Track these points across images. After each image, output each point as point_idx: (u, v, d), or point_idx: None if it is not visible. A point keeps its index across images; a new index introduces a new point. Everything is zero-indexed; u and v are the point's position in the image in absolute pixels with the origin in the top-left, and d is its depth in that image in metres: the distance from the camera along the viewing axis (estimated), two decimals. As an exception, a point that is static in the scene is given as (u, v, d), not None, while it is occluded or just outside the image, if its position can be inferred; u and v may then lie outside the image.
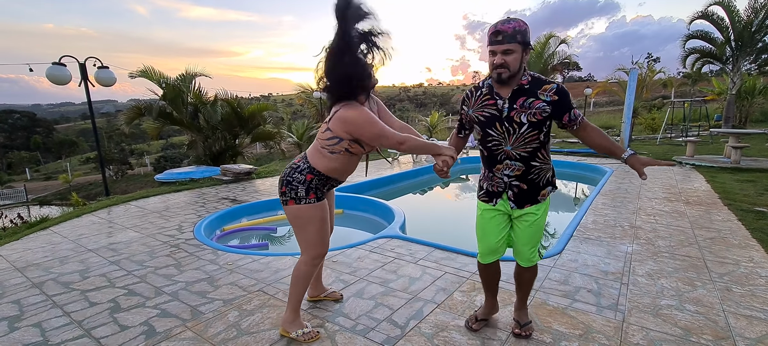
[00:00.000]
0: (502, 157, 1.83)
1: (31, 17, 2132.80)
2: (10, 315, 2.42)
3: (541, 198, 1.88)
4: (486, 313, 2.18)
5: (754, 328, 2.08)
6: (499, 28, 1.70)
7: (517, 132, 1.76)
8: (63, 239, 3.98)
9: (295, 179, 1.94)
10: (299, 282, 2.04)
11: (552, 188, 1.92)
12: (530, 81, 1.76)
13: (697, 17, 12.64)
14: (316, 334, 2.07)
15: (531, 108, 1.73)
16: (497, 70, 1.72)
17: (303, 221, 1.97)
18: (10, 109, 56.51)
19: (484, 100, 1.83)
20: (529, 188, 1.85)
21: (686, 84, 24.84)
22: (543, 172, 1.86)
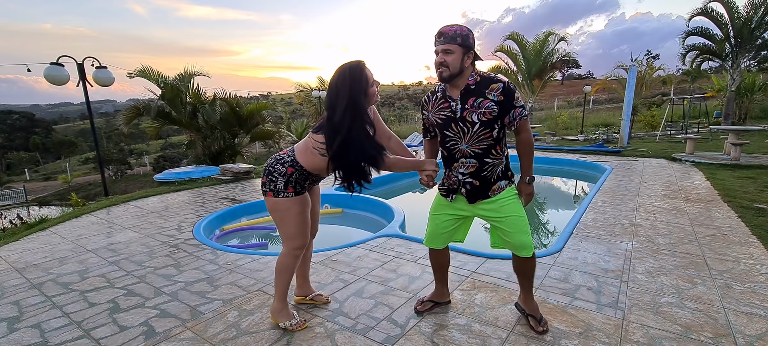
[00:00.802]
0: (458, 155, 1.94)
1: (29, 17, 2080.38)
2: (10, 316, 2.41)
3: (492, 193, 1.94)
4: (435, 296, 2.33)
5: (754, 325, 2.08)
6: (441, 30, 1.82)
7: (471, 131, 1.86)
8: (62, 239, 3.97)
9: (276, 169, 1.97)
10: (282, 273, 2.10)
11: (506, 181, 1.98)
12: (477, 81, 1.85)
13: (696, 14, 12.63)
14: (302, 323, 2.16)
15: (480, 107, 1.82)
16: (439, 69, 1.82)
17: (281, 214, 2.01)
18: (8, 109, 56.42)
19: (440, 104, 1.94)
20: (480, 185, 1.94)
21: (686, 81, 24.85)
22: (495, 167, 1.93)
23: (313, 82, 18.73)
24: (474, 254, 3.09)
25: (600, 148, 10.40)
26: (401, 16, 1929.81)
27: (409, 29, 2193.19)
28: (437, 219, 2.12)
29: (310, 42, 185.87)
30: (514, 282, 2.63)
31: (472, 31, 1.83)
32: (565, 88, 41.85)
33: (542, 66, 15.20)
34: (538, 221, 5.69)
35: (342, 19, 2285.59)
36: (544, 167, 9.36)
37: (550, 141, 13.36)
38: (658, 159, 8.48)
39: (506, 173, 1.98)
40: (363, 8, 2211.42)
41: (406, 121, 27.61)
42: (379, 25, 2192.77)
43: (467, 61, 1.82)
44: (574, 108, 27.18)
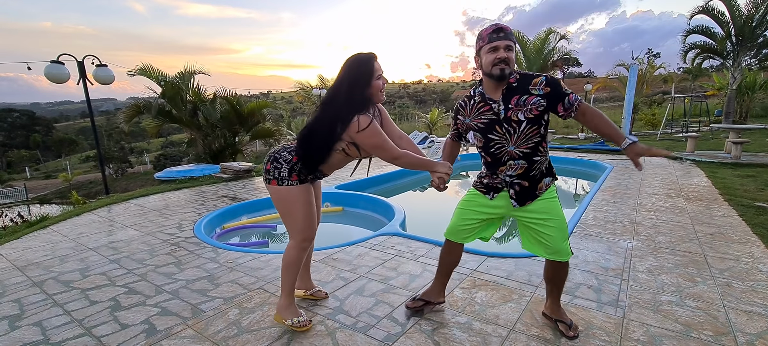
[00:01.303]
0: (506, 158, 1.86)
1: (29, 16, 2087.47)
2: (11, 314, 2.42)
3: (539, 192, 1.89)
4: (427, 294, 2.26)
5: (754, 323, 2.08)
6: (501, 26, 1.77)
7: (518, 130, 1.79)
8: (63, 237, 3.98)
9: (282, 156, 1.95)
10: (289, 268, 2.06)
11: (551, 178, 1.92)
12: (518, 79, 1.80)
13: (697, 12, 12.61)
14: (308, 323, 2.11)
15: (526, 105, 1.76)
16: (500, 65, 1.74)
17: (287, 204, 1.97)
18: (9, 107, 56.46)
19: (480, 108, 1.88)
20: (530, 185, 1.88)
21: (687, 79, 24.79)
22: (542, 165, 1.88)
23: (313, 80, 18.73)
24: (474, 253, 3.09)
25: (601, 147, 10.39)
26: (402, 15, 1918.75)
27: (410, 28, 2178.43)
28: (465, 213, 2.04)
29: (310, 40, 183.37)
30: (514, 280, 2.64)
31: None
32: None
33: (543, 64, 15.17)
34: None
35: (342, 17, 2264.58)
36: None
37: (550, 139, 13.34)
38: (658, 157, 8.47)
39: (551, 170, 1.93)
40: (363, 6, 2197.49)
41: (407, 120, 27.61)
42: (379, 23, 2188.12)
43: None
44: (575, 106, 27.06)
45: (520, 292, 2.48)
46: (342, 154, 1.95)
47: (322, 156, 1.93)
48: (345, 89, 1.85)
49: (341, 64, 1.91)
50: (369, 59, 1.88)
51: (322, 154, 1.93)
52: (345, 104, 1.84)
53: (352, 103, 1.84)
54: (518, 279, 2.66)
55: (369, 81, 1.86)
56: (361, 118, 1.81)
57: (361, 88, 1.85)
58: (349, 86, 1.84)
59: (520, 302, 2.36)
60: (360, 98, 1.85)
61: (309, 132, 1.92)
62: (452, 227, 2.10)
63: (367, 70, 1.86)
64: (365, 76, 1.86)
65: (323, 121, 1.89)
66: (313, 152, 1.92)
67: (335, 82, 1.91)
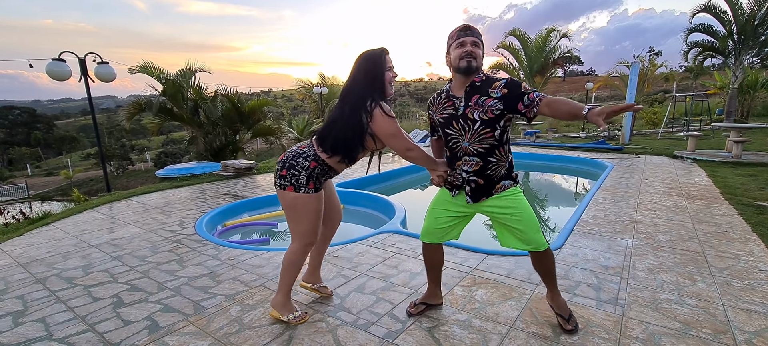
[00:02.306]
0: (461, 153, 1.94)
1: (30, 13, 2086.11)
2: (15, 310, 2.44)
3: (496, 192, 1.94)
4: (426, 298, 2.30)
5: (753, 322, 2.09)
6: (467, 25, 1.88)
7: (472, 129, 1.87)
8: (65, 234, 4.00)
9: (299, 163, 1.96)
10: (290, 268, 2.11)
11: (511, 182, 1.96)
12: (483, 80, 1.87)
13: (699, 10, 12.56)
14: (305, 315, 2.17)
15: (483, 106, 1.83)
16: (467, 57, 1.82)
17: (299, 212, 2.00)
18: (10, 105, 56.50)
19: (444, 104, 1.97)
20: (485, 183, 1.94)
21: (688, 78, 24.73)
22: (499, 167, 1.93)
23: (314, 78, 18.72)
24: (474, 251, 3.11)
25: (601, 146, 10.38)
26: (402, 13, 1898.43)
27: (411, 26, 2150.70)
28: (436, 214, 2.11)
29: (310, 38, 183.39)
30: (514, 278, 2.65)
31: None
32: (567, 85, 41.72)
33: (544, 63, 15.14)
34: (539, 218, 5.69)
35: (343, 15, 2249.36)
36: (545, 164, 9.37)
37: (551, 138, 13.33)
38: (659, 156, 8.47)
39: (510, 174, 1.97)
40: (364, 4, 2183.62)
41: (408, 118, 27.59)
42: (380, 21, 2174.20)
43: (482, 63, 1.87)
44: (576, 105, 27.01)
45: (520, 290, 2.49)
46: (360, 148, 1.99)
47: (355, 149, 1.97)
48: (361, 81, 1.93)
49: (354, 61, 1.98)
50: (381, 52, 1.97)
51: (355, 148, 1.97)
52: (363, 95, 1.91)
53: (367, 93, 1.91)
54: (518, 277, 2.67)
55: (383, 73, 1.95)
56: (381, 105, 1.89)
57: (377, 80, 1.94)
58: (365, 78, 1.93)
59: (520, 299, 2.37)
60: (378, 88, 1.94)
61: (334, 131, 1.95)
62: (426, 229, 2.16)
63: (380, 63, 1.95)
64: (379, 68, 1.94)
65: (347, 116, 1.93)
66: (348, 148, 1.96)
67: (350, 78, 1.98)
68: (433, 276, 2.28)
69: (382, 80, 1.95)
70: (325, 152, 1.97)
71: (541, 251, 1.98)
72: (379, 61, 1.95)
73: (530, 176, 8.82)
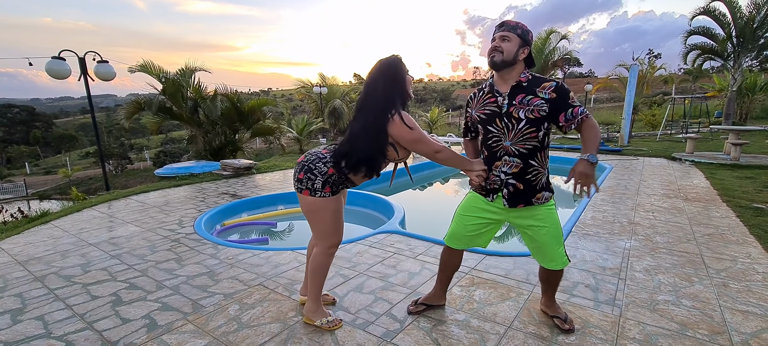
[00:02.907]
0: (501, 153, 1.86)
1: (29, 11, 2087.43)
2: (13, 308, 2.44)
3: (536, 201, 1.88)
4: (429, 299, 2.28)
5: (749, 323, 2.10)
6: (504, 21, 1.83)
7: (516, 128, 1.80)
8: (64, 233, 4.00)
9: (317, 168, 1.93)
10: (317, 272, 2.09)
11: (550, 193, 1.92)
12: (530, 79, 1.81)
13: (699, 13, 12.59)
14: (338, 321, 2.14)
15: (529, 105, 1.77)
16: (493, 53, 1.79)
17: (317, 214, 1.99)
18: (9, 103, 56.42)
19: (486, 99, 1.89)
20: (524, 188, 1.87)
21: (687, 80, 24.81)
22: (540, 175, 1.87)
23: (313, 78, 18.72)
24: (473, 251, 3.11)
25: (601, 147, 10.40)
26: (403, 13, 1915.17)
27: (411, 26, 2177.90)
28: (466, 219, 2.03)
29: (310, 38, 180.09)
30: (512, 278, 2.66)
31: (532, 33, 1.83)
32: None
33: (544, 64, 15.18)
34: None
35: (343, 15, 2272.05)
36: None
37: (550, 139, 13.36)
38: (658, 158, 8.50)
39: (549, 185, 1.92)
40: (364, 4, 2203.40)
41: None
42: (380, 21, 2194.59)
43: (521, 55, 1.78)
44: (575, 106, 27.10)
45: (518, 290, 2.50)
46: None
47: (378, 162, 1.92)
48: (381, 89, 1.87)
49: (371, 68, 1.94)
50: (399, 59, 1.94)
51: (379, 159, 1.91)
52: (382, 104, 1.86)
53: (389, 101, 1.86)
54: (516, 277, 2.68)
55: (404, 78, 1.92)
56: (402, 113, 1.85)
57: (398, 87, 1.89)
58: (385, 86, 1.88)
59: (518, 300, 2.38)
60: (398, 96, 1.89)
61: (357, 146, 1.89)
62: (452, 233, 2.10)
63: (399, 69, 1.91)
64: (400, 75, 1.91)
65: (366, 125, 1.88)
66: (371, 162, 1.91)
67: (367, 86, 1.92)
68: (443, 279, 2.24)
69: (405, 86, 1.91)
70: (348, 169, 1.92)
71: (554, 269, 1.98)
72: (400, 67, 1.91)
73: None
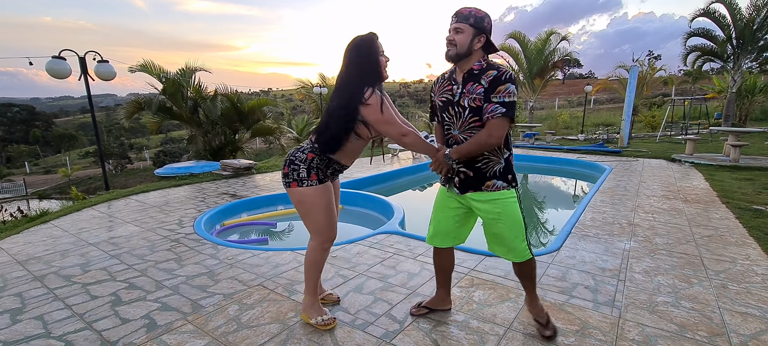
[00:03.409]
0: (452, 141, 1.89)
1: (28, 10, 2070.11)
2: (12, 308, 2.44)
3: (486, 188, 1.84)
4: (432, 303, 2.26)
5: (748, 325, 2.11)
6: (457, 10, 1.78)
7: (463, 116, 1.81)
8: (64, 232, 4.00)
9: (297, 157, 1.96)
10: (311, 268, 2.08)
11: (505, 183, 1.84)
12: (482, 67, 1.76)
13: (699, 15, 12.60)
14: (332, 320, 2.12)
15: (472, 93, 1.75)
16: (446, 46, 1.78)
17: (307, 206, 1.98)
18: (9, 102, 56.38)
19: (445, 86, 1.90)
20: (474, 175, 1.85)
21: (687, 82, 24.81)
22: (492, 163, 1.83)
23: (313, 78, 18.72)
24: (472, 252, 3.11)
25: (600, 148, 10.41)
26: (402, 13, 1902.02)
27: (411, 26, 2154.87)
28: (438, 214, 2.05)
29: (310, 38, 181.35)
30: (511, 279, 2.66)
31: (489, 16, 1.75)
32: (566, 88, 41.79)
33: (544, 65, 15.20)
34: (537, 220, 5.71)
35: (343, 15, 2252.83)
36: (543, 166, 9.39)
37: (550, 140, 13.36)
38: (657, 159, 8.50)
39: (505, 176, 1.85)
40: (364, 5, 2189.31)
41: (408, 119, 27.60)
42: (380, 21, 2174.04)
43: (477, 44, 1.74)
44: (575, 107, 27.19)
45: (517, 291, 2.50)
46: (355, 136, 1.94)
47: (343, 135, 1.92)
48: (353, 69, 1.89)
49: (345, 50, 1.94)
50: (371, 37, 1.92)
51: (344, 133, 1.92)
52: (357, 82, 1.87)
53: (362, 79, 1.87)
54: (516, 278, 2.67)
55: (376, 58, 1.90)
56: (374, 94, 1.84)
57: (369, 65, 1.89)
58: (357, 65, 1.89)
59: (518, 301, 2.38)
60: (370, 74, 1.88)
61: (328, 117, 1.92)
62: (431, 232, 2.10)
63: (371, 47, 1.90)
64: (372, 54, 1.90)
65: (341, 104, 1.90)
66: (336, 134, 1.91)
67: (342, 67, 1.94)
68: (442, 280, 2.21)
69: (377, 65, 1.90)
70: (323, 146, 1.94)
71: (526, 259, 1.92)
72: (372, 46, 1.89)
73: (529, 178, 8.83)
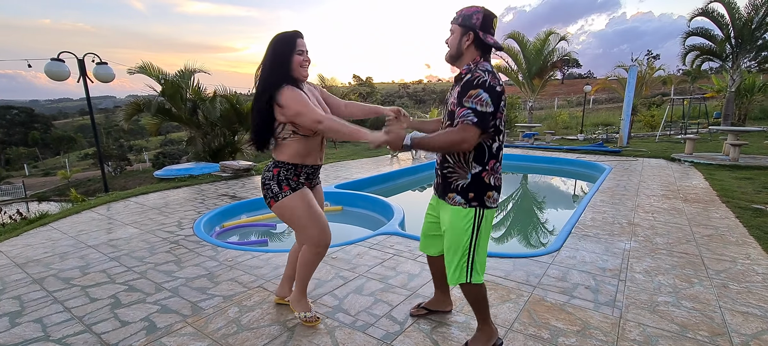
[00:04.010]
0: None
1: (28, 13, 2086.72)
2: (11, 311, 2.43)
3: (447, 199, 1.76)
4: (431, 304, 2.25)
5: (749, 324, 2.10)
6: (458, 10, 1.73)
7: (445, 121, 1.78)
8: (63, 235, 3.99)
9: (266, 177, 2.00)
10: (303, 267, 2.10)
11: (463, 201, 1.70)
12: (467, 70, 1.66)
13: (697, 14, 12.62)
14: (315, 320, 2.14)
15: (452, 96, 1.70)
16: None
17: (290, 216, 2.00)
18: (7, 104, 56.29)
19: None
20: (442, 181, 1.82)
21: (686, 81, 24.87)
22: (456, 174, 1.72)
23: (313, 79, 18.72)
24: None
25: (599, 148, 10.42)
26: (402, 14, 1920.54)
27: (410, 27, 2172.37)
28: (425, 218, 2.05)
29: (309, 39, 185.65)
30: (512, 280, 2.65)
31: (482, 12, 1.64)
32: (565, 88, 41.85)
33: (543, 65, 15.21)
34: (538, 220, 5.71)
35: (342, 16, 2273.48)
36: (543, 166, 9.39)
37: (549, 140, 13.37)
38: (657, 159, 8.51)
39: (466, 193, 1.69)
40: (363, 5, 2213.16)
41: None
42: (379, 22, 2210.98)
43: (465, 43, 1.66)
44: (574, 107, 27.21)
45: (518, 292, 2.49)
46: (296, 137, 1.94)
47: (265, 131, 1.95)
48: (268, 65, 1.91)
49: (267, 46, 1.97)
50: (291, 35, 1.93)
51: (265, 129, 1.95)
52: (267, 77, 1.89)
53: (271, 76, 1.89)
54: (516, 279, 2.67)
55: (289, 56, 1.91)
56: (284, 88, 1.85)
57: (279, 63, 1.90)
58: (271, 61, 1.91)
59: (518, 301, 2.38)
60: (278, 72, 1.89)
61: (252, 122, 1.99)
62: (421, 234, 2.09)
63: (287, 46, 1.91)
64: (285, 53, 1.90)
65: (255, 98, 1.94)
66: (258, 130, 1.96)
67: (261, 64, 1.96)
68: (438, 283, 2.19)
69: (289, 64, 1.90)
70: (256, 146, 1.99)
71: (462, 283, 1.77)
72: (288, 44, 1.90)
73: (529, 178, 8.84)
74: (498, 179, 1.74)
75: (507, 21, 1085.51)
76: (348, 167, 8.31)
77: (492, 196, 1.72)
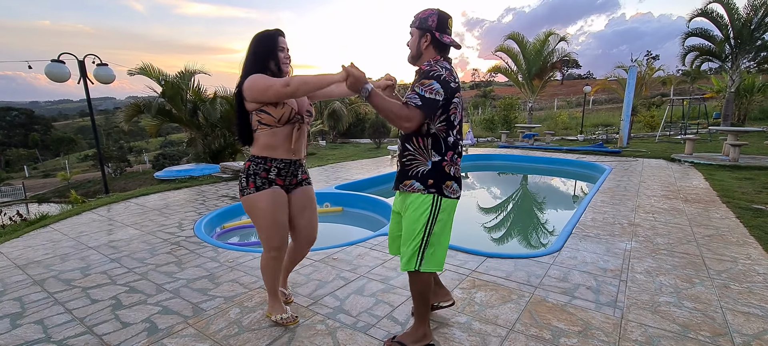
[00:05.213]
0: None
1: (27, 14, 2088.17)
2: (12, 312, 2.43)
3: (403, 187, 1.81)
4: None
5: (751, 324, 2.10)
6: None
7: None
8: (63, 236, 3.98)
9: (241, 170, 2.04)
10: (264, 273, 2.15)
11: (422, 187, 1.75)
12: (428, 65, 1.73)
13: (696, 15, 12.63)
14: (292, 319, 2.16)
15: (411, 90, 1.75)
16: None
17: (251, 213, 2.02)
18: (7, 106, 56.27)
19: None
20: (399, 171, 1.85)
21: (685, 82, 24.89)
22: (416, 162, 1.77)
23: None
24: (474, 253, 3.11)
25: (599, 149, 10.42)
26: (401, 15, 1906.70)
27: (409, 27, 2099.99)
28: (391, 219, 2.04)
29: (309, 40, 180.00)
30: (513, 280, 2.65)
31: (436, 13, 1.73)
32: (564, 88, 41.87)
33: (542, 66, 15.23)
34: (538, 221, 5.71)
35: (341, 17, 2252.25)
36: (543, 167, 9.39)
37: (549, 141, 13.38)
38: (657, 159, 8.51)
39: (425, 180, 1.75)
40: (362, 6, 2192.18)
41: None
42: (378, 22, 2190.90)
43: (424, 44, 1.74)
44: (574, 108, 27.22)
45: (519, 292, 2.49)
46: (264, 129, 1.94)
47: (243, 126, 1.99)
48: (249, 62, 1.94)
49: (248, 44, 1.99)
50: (273, 33, 1.96)
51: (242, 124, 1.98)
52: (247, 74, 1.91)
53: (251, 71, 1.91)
54: (517, 279, 2.67)
55: (270, 54, 1.93)
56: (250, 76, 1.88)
57: (263, 60, 1.93)
58: (252, 59, 1.93)
59: (520, 302, 2.38)
60: (260, 69, 1.92)
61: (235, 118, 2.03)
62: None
63: (270, 44, 1.94)
64: (265, 51, 1.93)
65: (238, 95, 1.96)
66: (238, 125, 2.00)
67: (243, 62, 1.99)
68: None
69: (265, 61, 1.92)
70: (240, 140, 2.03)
71: (410, 270, 1.82)
72: (269, 42, 1.93)
73: (529, 178, 8.84)
74: (457, 171, 1.82)
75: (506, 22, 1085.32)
76: (348, 168, 8.32)
77: (451, 186, 1.79)
